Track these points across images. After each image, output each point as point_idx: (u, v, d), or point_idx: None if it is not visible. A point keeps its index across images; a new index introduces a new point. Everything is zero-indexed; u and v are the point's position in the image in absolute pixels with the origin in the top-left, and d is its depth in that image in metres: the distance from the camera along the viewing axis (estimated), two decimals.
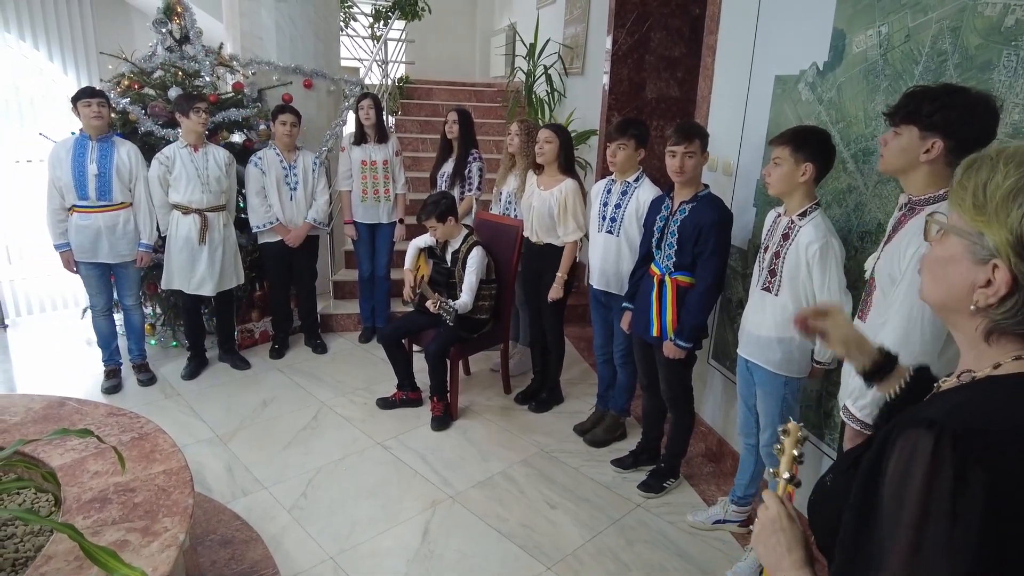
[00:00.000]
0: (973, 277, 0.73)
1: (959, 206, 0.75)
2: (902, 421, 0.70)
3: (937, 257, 0.79)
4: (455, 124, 3.81)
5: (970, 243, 0.73)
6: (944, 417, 0.67)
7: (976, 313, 0.74)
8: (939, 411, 0.70)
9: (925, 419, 0.67)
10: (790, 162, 1.99)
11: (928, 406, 0.77)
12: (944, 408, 0.71)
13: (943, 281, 0.78)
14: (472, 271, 3.18)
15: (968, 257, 0.74)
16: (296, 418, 3.33)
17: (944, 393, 0.80)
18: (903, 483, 0.66)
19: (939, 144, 1.45)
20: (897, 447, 0.68)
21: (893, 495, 0.67)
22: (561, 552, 2.40)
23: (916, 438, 0.66)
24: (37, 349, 4.19)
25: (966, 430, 0.64)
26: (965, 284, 0.74)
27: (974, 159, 0.76)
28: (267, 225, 3.79)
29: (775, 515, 0.88)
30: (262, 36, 4.31)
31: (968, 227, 0.73)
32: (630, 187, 2.87)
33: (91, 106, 3.17)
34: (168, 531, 1.70)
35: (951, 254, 0.76)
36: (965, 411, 0.69)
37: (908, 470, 0.66)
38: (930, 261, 0.81)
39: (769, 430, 2.24)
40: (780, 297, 2.08)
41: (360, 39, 7.15)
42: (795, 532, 0.86)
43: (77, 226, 3.27)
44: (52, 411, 2.27)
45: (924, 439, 0.65)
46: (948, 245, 0.77)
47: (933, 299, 0.82)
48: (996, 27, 1.66)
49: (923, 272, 0.83)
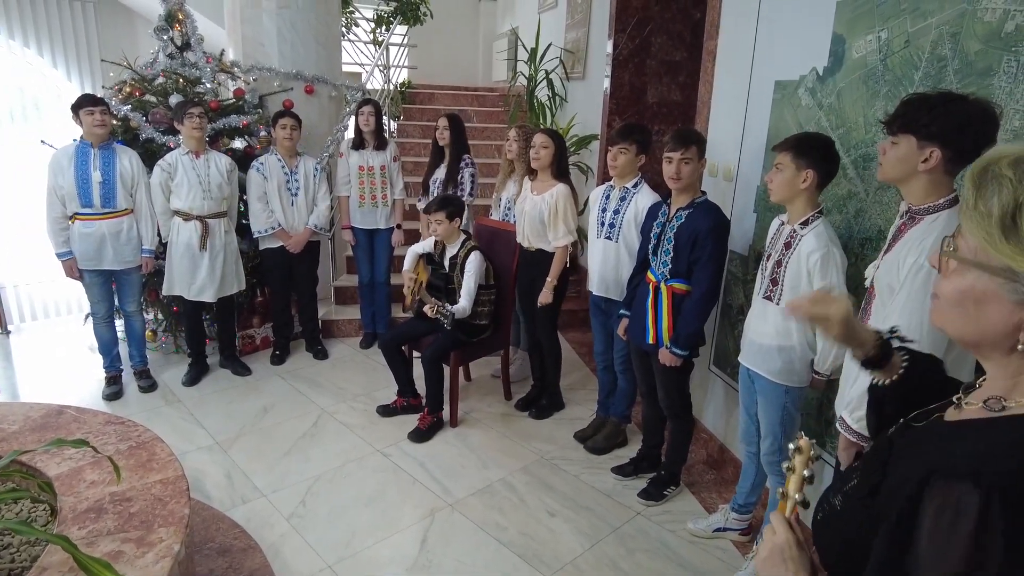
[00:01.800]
0: (1017, 318, 0.68)
1: (984, 239, 0.68)
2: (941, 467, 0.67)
3: (964, 292, 0.72)
4: (446, 130, 3.81)
5: (1005, 281, 0.67)
6: (986, 467, 0.63)
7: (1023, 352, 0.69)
8: (977, 456, 0.66)
9: (968, 472, 0.64)
10: (792, 168, 1.97)
11: (960, 443, 0.71)
12: (982, 452, 0.67)
13: (976, 321, 0.72)
14: (471, 276, 3.17)
15: (1008, 296, 0.68)
16: (296, 425, 3.33)
17: (976, 427, 0.73)
18: (948, 539, 0.63)
19: (937, 153, 1.43)
20: (937, 498, 0.65)
21: (936, 550, 0.64)
22: (560, 561, 2.39)
23: (960, 493, 0.63)
24: (39, 355, 4.20)
25: (1013, 486, 0.61)
26: (1007, 325, 0.69)
27: (986, 172, 0.69)
28: (269, 231, 3.80)
29: (783, 543, 0.85)
30: (263, 42, 4.32)
31: (997, 261, 0.67)
32: (629, 193, 2.86)
33: (94, 114, 3.18)
34: (163, 541, 1.69)
35: (980, 291, 0.70)
36: (1008, 459, 0.65)
37: (954, 527, 0.63)
38: (952, 295, 0.74)
39: (770, 438, 2.22)
40: (782, 306, 2.06)
41: (362, 44, 7.16)
42: (803, 560, 0.84)
43: (81, 234, 3.27)
44: (51, 419, 2.27)
45: (969, 495, 0.62)
46: (971, 278, 0.71)
47: (960, 336, 0.75)
48: (996, 33, 1.65)
49: (942, 305, 0.76)
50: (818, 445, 2.33)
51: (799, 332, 2.05)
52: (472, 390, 3.81)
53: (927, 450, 0.74)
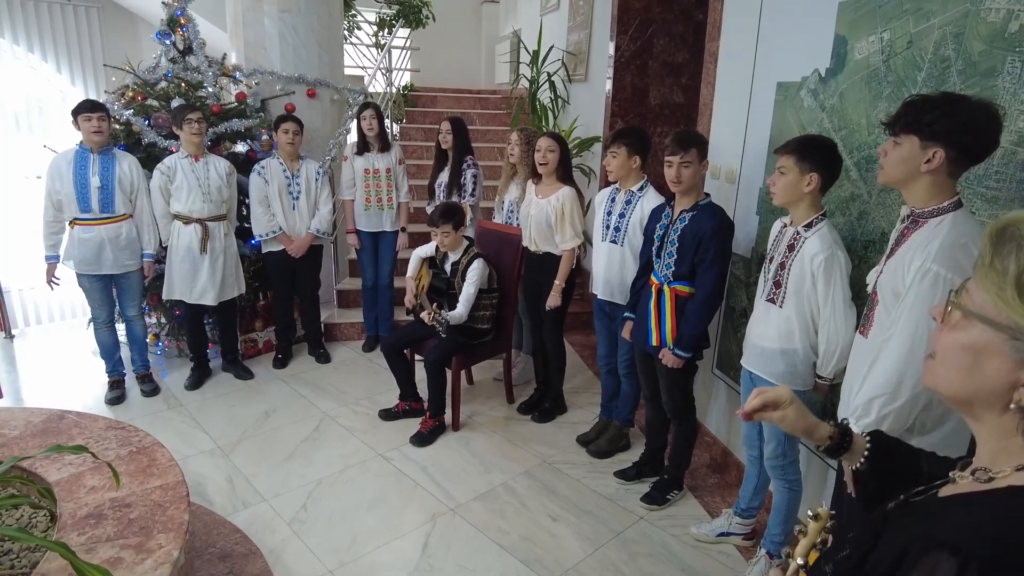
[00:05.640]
0: (1015, 376, 0.68)
1: (995, 293, 0.68)
2: (924, 539, 0.67)
3: (962, 345, 0.72)
4: (448, 134, 3.81)
5: (1009, 338, 0.67)
6: (965, 538, 0.64)
7: (1016, 411, 0.69)
8: (958, 528, 0.66)
9: (949, 543, 0.64)
10: (795, 171, 1.95)
11: (947, 517, 0.72)
12: (963, 524, 0.67)
13: (974, 376, 0.71)
14: (471, 283, 3.16)
15: (1009, 354, 0.68)
16: (298, 429, 3.32)
17: (963, 502, 0.73)
18: None
19: (940, 153, 1.41)
20: (917, 567, 0.65)
21: None
22: (562, 566, 2.37)
23: (939, 562, 0.63)
24: (42, 359, 4.21)
25: (991, 558, 0.61)
26: (1004, 382, 0.69)
27: (1004, 231, 0.69)
28: (270, 234, 3.80)
29: None
30: (265, 46, 4.33)
31: (1005, 319, 0.67)
32: (634, 196, 2.85)
33: (91, 120, 3.18)
34: (162, 548, 1.69)
35: (983, 345, 0.70)
36: (988, 532, 0.65)
37: None
38: (949, 346, 0.74)
39: (773, 443, 2.20)
40: (784, 309, 2.05)
41: (364, 47, 7.17)
42: None
43: (80, 239, 3.28)
44: (51, 425, 2.27)
45: (947, 564, 0.62)
46: (975, 333, 0.71)
47: (952, 391, 0.75)
48: (1000, 33, 1.63)
49: (938, 363, 0.76)
50: None
51: (802, 335, 2.03)
52: (474, 394, 3.80)
53: (915, 524, 0.75)
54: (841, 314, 1.93)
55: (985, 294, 0.70)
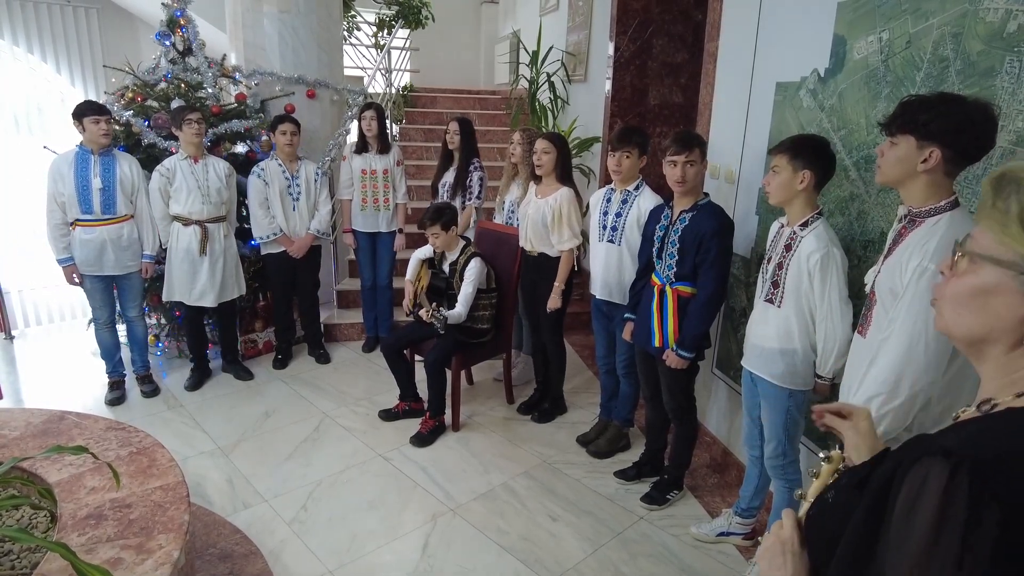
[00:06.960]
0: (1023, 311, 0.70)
1: (1000, 231, 0.71)
2: (917, 448, 0.68)
3: (972, 287, 0.74)
4: (456, 134, 3.80)
5: (1016, 273, 0.70)
6: (960, 447, 0.64)
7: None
8: (955, 440, 0.67)
9: (940, 448, 0.64)
10: (788, 170, 1.96)
11: (945, 434, 0.73)
12: (961, 437, 0.69)
13: (982, 313, 0.74)
14: (469, 282, 3.16)
15: (1018, 289, 0.70)
16: (298, 429, 3.32)
17: (963, 423, 0.76)
18: (913, 511, 0.64)
19: (937, 153, 1.42)
20: (910, 474, 0.66)
21: (902, 523, 0.65)
22: (562, 566, 2.38)
23: (930, 467, 0.64)
24: (43, 360, 4.21)
25: (982, 462, 0.62)
26: (1014, 317, 0.71)
27: (1003, 177, 0.72)
28: (271, 236, 3.80)
29: (788, 537, 0.86)
30: (265, 47, 4.33)
31: (1012, 255, 0.70)
32: (630, 196, 2.85)
33: (100, 123, 3.18)
34: (163, 548, 1.69)
35: (992, 284, 0.72)
36: (982, 441, 0.67)
37: (920, 499, 0.63)
38: (959, 291, 0.76)
39: (773, 442, 2.20)
40: (783, 309, 2.05)
41: (364, 48, 7.17)
42: (804, 560, 0.84)
43: (81, 240, 3.28)
44: (52, 425, 2.27)
45: (938, 469, 0.63)
46: (984, 274, 0.73)
47: (964, 331, 0.77)
48: (998, 33, 1.63)
49: (945, 303, 0.78)
50: (821, 447, 2.31)
51: (801, 335, 2.04)
52: (474, 394, 3.80)
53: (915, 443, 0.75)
54: (838, 311, 1.93)
55: (990, 233, 0.73)
